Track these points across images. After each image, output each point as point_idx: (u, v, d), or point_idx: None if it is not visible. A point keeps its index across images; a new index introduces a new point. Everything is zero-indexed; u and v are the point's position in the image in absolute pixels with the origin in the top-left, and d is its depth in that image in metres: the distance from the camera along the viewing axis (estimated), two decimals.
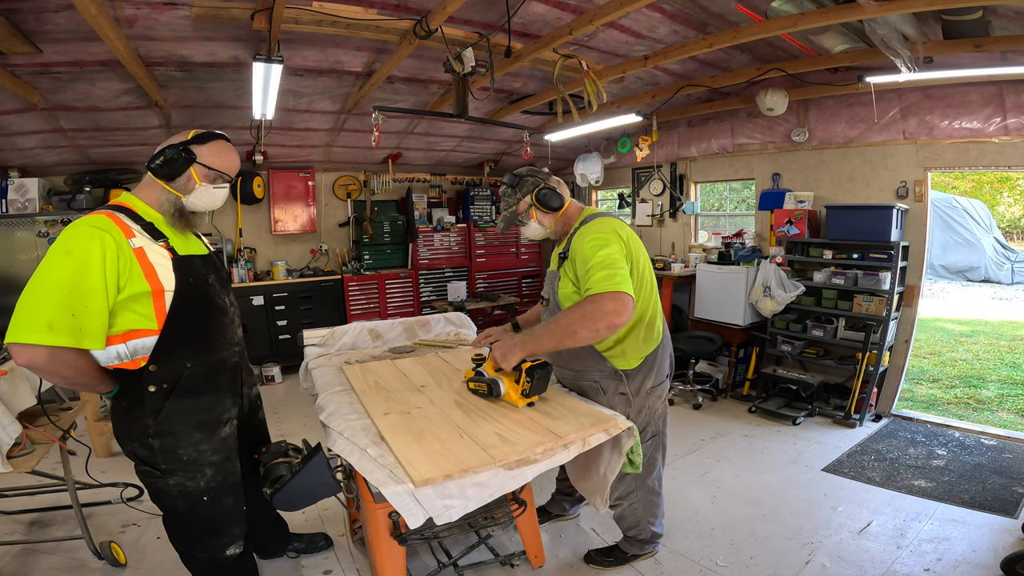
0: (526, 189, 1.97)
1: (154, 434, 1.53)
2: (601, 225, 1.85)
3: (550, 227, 2.02)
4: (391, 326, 2.82)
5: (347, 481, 1.81)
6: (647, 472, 2.07)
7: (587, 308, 1.65)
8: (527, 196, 1.97)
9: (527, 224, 2.01)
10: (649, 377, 1.98)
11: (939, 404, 4.36)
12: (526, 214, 1.99)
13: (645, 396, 1.99)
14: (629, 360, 1.94)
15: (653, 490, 2.17)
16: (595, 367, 1.96)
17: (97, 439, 3.29)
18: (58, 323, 1.30)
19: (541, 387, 1.80)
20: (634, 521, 2.17)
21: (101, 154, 4.30)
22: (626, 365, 1.94)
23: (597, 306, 1.63)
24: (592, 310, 1.63)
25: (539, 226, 2.01)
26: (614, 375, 1.95)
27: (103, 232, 1.38)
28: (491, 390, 1.82)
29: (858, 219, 3.68)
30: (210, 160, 1.57)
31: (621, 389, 1.95)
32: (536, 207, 1.96)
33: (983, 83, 3.30)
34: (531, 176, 1.98)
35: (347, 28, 2.68)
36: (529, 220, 2.00)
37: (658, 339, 2.01)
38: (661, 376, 2.04)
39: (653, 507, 2.19)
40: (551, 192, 1.94)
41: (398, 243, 5.89)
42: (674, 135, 5.20)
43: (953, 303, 8.44)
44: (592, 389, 1.98)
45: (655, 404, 2.04)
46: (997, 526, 2.45)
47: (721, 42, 2.95)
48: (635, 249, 1.88)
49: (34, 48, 2.59)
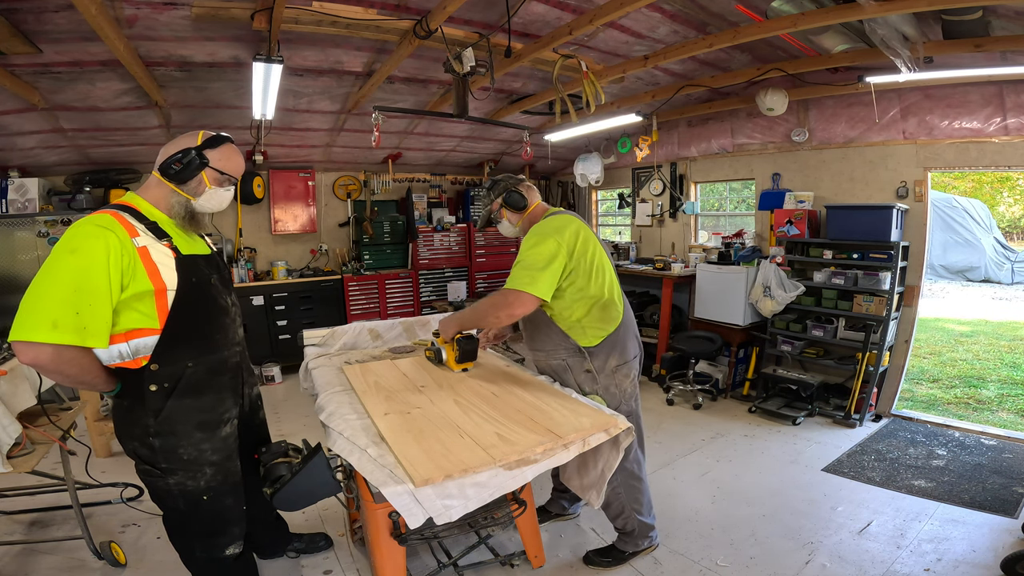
0: (497, 191, 2.24)
1: (155, 433, 1.53)
2: (544, 226, 2.06)
3: (519, 225, 2.25)
4: (391, 326, 2.82)
5: (347, 481, 1.81)
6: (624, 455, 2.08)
7: (497, 299, 1.99)
8: (498, 198, 2.23)
9: (500, 222, 2.28)
10: (612, 355, 2.12)
11: (939, 404, 4.36)
12: (498, 213, 2.25)
13: (611, 374, 2.13)
14: (589, 338, 2.10)
15: (633, 474, 2.18)
16: (561, 344, 2.13)
17: (97, 439, 3.29)
18: (63, 321, 1.30)
19: (468, 356, 2.20)
20: (619, 508, 2.20)
21: (101, 154, 4.30)
22: (587, 343, 2.10)
23: (502, 299, 1.97)
24: (499, 301, 1.98)
25: (509, 224, 2.26)
26: (578, 352, 2.11)
27: (108, 231, 1.39)
28: (438, 356, 2.26)
29: (858, 219, 3.68)
30: (220, 164, 1.59)
31: (586, 366, 2.10)
32: (505, 207, 2.21)
33: (983, 83, 3.30)
34: (503, 180, 2.25)
35: (347, 28, 2.68)
36: (501, 219, 2.26)
37: (617, 320, 2.15)
38: (627, 355, 2.17)
39: (636, 492, 2.20)
40: (517, 195, 2.19)
41: (398, 243, 5.89)
42: (674, 135, 5.20)
43: (953, 303, 8.44)
44: (561, 367, 2.16)
45: (623, 383, 2.16)
46: (997, 526, 2.45)
47: (721, 42, 2.95)
48: (582, 243, 2.04)
49: (34, 48, 2.59)
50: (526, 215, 2.22)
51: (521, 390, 1.99)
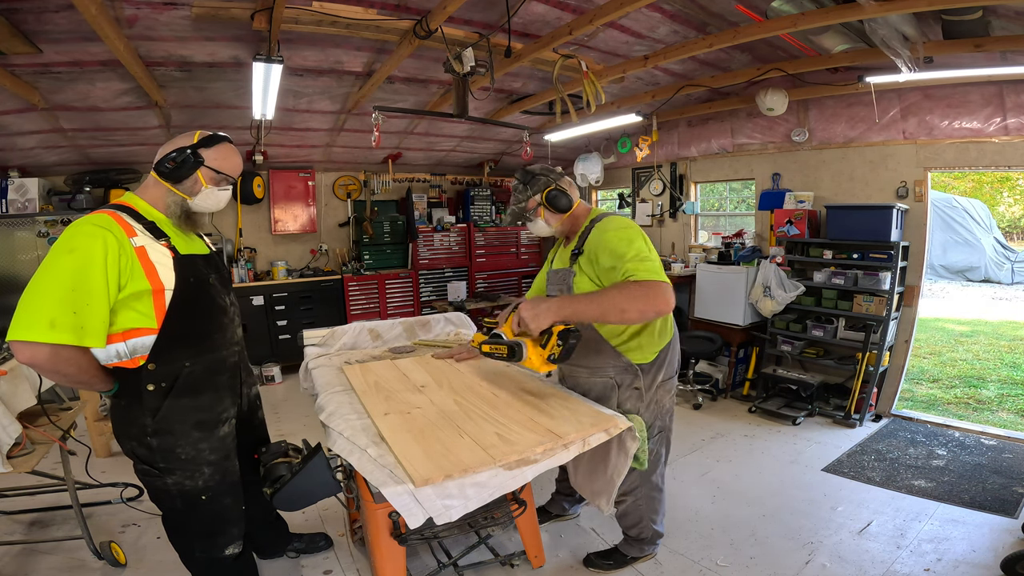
0: (537, 188, 1.98)
1: (152, 433, 1.53)
2: (620, 221, 1.89)
3: (556, 227, 2.03)
4: (391, 326, 2.82)
5: (347, 481, 1.81)
6: (651, 468, 2.06)
7: (636, 291, 1.63)
8: (537, 195, 1.98)
9: (534, 221, 2.03)
10: (661, 371, 2.00)
11: (939, 404, 4.36)
12: (534, 212, 2.00)
13: (656, 390, 2.00)
14: (645, 354, 1.95)
15: (656, 487, 2.16)
16: (611, 362, 1.95)
17: (97, 439, 3.29)
18: (60, 321, 1.30)
19: (568, 354, 1.69)
20: (636, 518, 2.17)
21: (101, 154, 4.30)
22: (642, 359, 1.95)
23: (647, 290, 1.63)
24: (643, 292, 1.63)
25: (545, 225, 2.02)
26: (629, 369, 1.95)
27: (105, 231, 1.39)
28: (512, 353, 1.70)
29: (858, 219, 3.68)
30: (216, 163, 1.58)
31: (636, 384, 1.95)
32: (544, 207, 1.97)
33: (983, 83, 3.30)
34: (543, 175, 1.99)
35: (347, 28, 2.68)
36: (536, 218, 2.01)
37: (671, 333, 2.04)
38: (671, 371, 2.06)
39: (655, 503, 2.18)
40: (561, 194, 1.95)
41: (398, 243, 5.88)
42: (674, 135, 5.20)
43: (953, 303, 8.44)
44: (606, 386, 1.97)
45: (663, 399, 2.05)
46: (997, 526, 2.45)
47: (721, 42, 2.95)
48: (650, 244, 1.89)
49: (34, 48, 2.59)
50: (567, 216, 2.01)
51: (521, 390, 1.99)
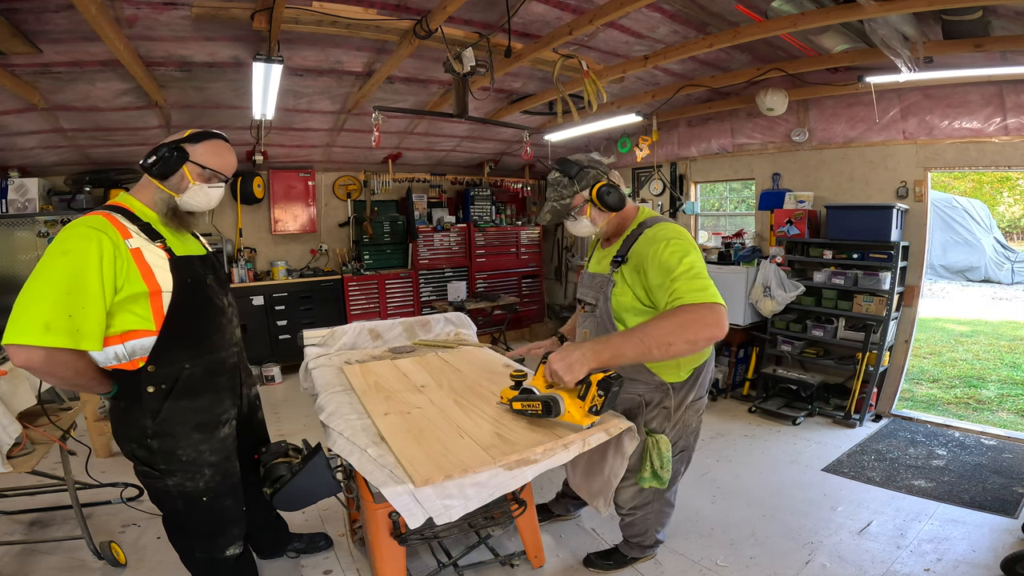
0: (585, 183, 1.74)
1: (153, 435, 1.53)
2: (674, 230, 1.69)
3: (602, 227, 1.82)
4: (391, 326, 2.82)
5: (347, 481, 1.81)
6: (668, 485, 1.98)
7: (685, 317, 1.46)
8: (585, 191, 1.75)
9: (577, 220, 1.80)
10: (692, 390, 1.88)
11: (939, 404, 4.36)
12: (579, 210, 1.77)
13: (684, 410, 1.89)
14: (681, 372, 1.82)
15: (669, 502, 2.14)
16: (641, 380, 1.82)
17: (97, 439, 3.29)
18: (55, 324, 1.30)
19: (612, 403, 1.52)
20: (642, 529, 2.15)
21: (101, 154, 4.30)
22: (676, 378, 1.82)
23: (696, 316, 1.46)
24: (692, 320, 1.46)
25: (591, 224, 1.80)
26: (660, 388, 1.83)
27: (100, 233, 1.38)
28: (548, 409, 1.53)
29: (858, 219, 3.67)
30: (204, 159, 1.56)
31: (665, 403, 1.84)
32: (593, 204, 1.75)
33: (983, 83, 3.30)
34: (592, 168, 1.76)
35: (347, 28, 2.68)
36: (581, 216, 1.78)
37: (710, 351, 1.91)
38: (703, 390, 1.93)
39: (664, 517, 2.17)
40: (613, 190, 1.73)
41: (398, 243, 5.89)
42: (674, 135, 5.20)
43: (953, 303, 8.44)
44: (634, 403, 1.85)
45: (691, 419, 1.93)
46: (997, 526, 2.45)
47: (721, 42, 2.95)
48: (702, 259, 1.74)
49: (34, 48, 2.59)
50: (615, 215, 1.80)
51: None
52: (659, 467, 1.79)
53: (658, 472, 1.79)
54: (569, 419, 1.54)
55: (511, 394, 1.67)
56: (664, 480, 1.81)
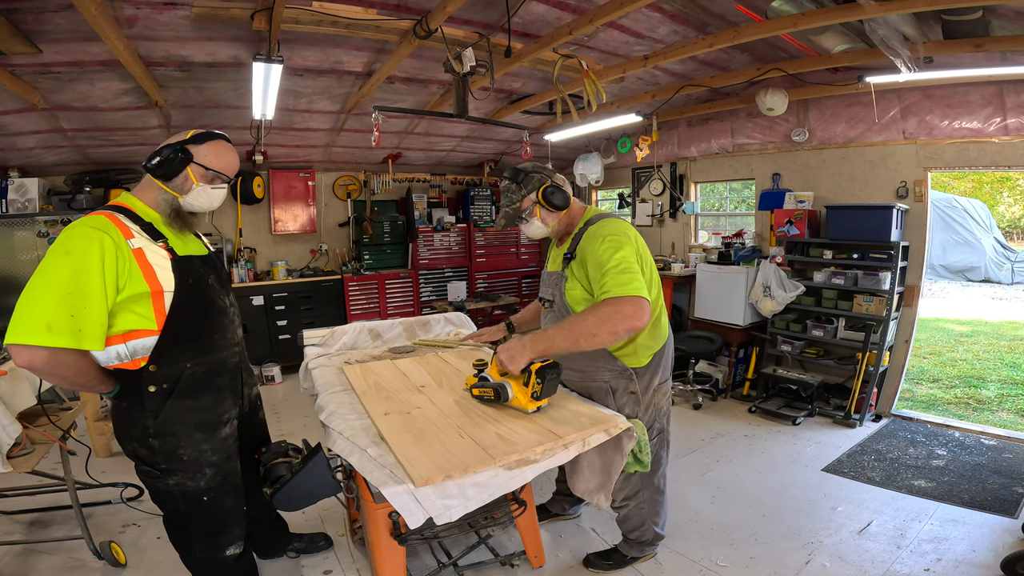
0: (531, 186, 1.91)
1: (154, 434, 1.53)
2: (612, 226, 1.81)
3: (553, 226, 1.97)
4: (391, 326, 2.82)
5: (347, 481, 1.81)
6: (653, 470, 2.05)
7: (606, 310, 1.62)
8: (532, 193, 1.91)
9: (529, 223, 1.95)
10: (656, 374, 1.99)
11: (939, 404, 4.36)
12: (529, 212, 1.93)
13: (652, 394, 2.00)
14: (640, 358, 1.94)
15: (658, 489, 2.16)
16: (605, 367, 1.94)
17: (97, 439, 3.29)
18: (57, 324, 1.30)
19: (552, 389, 1.70)
20: (638, 522, 2.16)
21: (101, 154, 4.30)
22: (637, 363, 1.94)
23: (616, 309, 1.61)
24: (611, 312, 1.61)
25: (542, 225, 1.95)
26: (624, 373, 1.94)
27: (102, 233, 1.38)
28: (498, 395, 1.73)
29: (858, 219, 3.68)
30: (208, 160, 1.56)
31: (631, 388, 1.94)
32: (541, 205, 1.90)
33: (983, 83, 3.30)
34: (536, 172, 1.92)
35: (347, 28, 2.68)
36: (532, 218, 1.94)
37: (665, 336, 2.03)
38: (667, 373, 2.05)
39: (657, 506, 2.18)
40: (557, 190, 1.88)
41: (398, 243, 5.89)
42: (674, 135, 5.20)
43: (953, 303, 8.44)
44: (601, 390, 1.96)
45: (660, 401, 2.04)
46: (997, 526, 2.45)
47: (721, 42, 2.95)
48: (643, 250, 1.87)
49: (34, 48, 2.59)
50: (564, 214, 1.95)
51: None
52: (639, 451, 1.82)
53: (639, 456, 1.82)
54: (517, 404, 1.72)
55: (474, 381, 1.83)
56: (646, 463, 1.83)
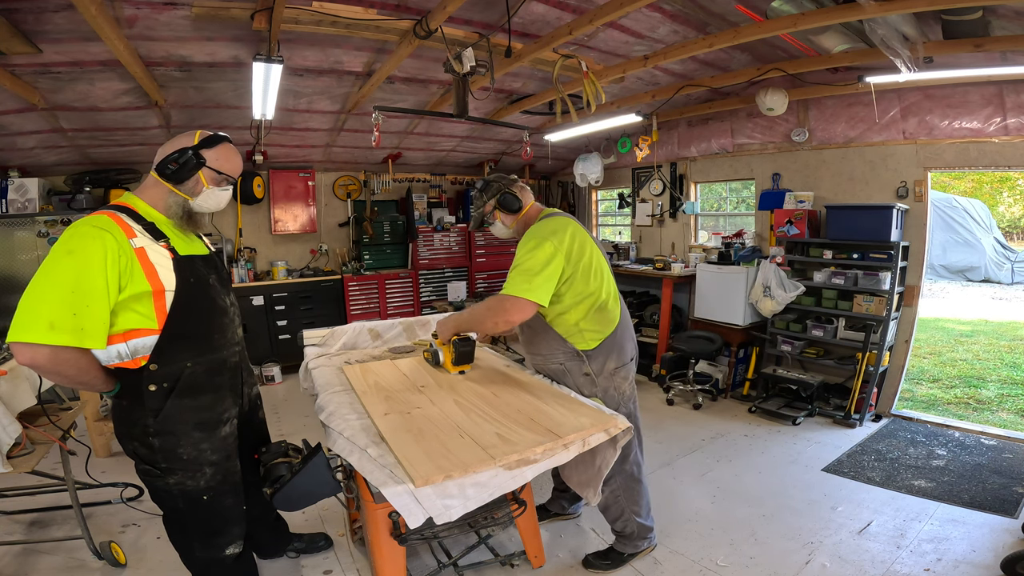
0: (490, 193, 2.19)
1: (154, 433, 1.53)
2: (545, 228, 2.01)
3: (512, 227, 2.22)
4: (391, 326, 2.82)
5: (347, 481, 1.81)
6: (623, 456, 2.10)
7: (492, 303, 1.96)
8: (491, 199, 2.18)
9: (493, 224, 2.23)
10: (611, 358, 2.10)
11: (939, 404, 4.36)
12: (491, 215, 2.21)
13: (610, 376, 2.11)
14: (588, 341, 2.08)
15: (632, 476, 2.19)
16: (559, 349, 2.11)
17: (97, 439, 3.29)
18: (60, 323, 1.30)
19: (465, 358, 2.17)
20: (618, 511, 2.20)
21: (101, 154, 4.30)
22: (585, 346, 2.08)
23: (498, 305, 1.92)
24: (497, 306, 1.93)
25: (503, 226, 2.22)
26: (576, 356, 2.09)
27: (105, 232, 1.39)
28: (435, 358, 2.23)
29: (858, 219, 3.68)
30: (218, 164, 1.59)
31: (584, 369, 2.08)
32: (498, 209, 2.18)
33: (983, 83, 3.30)
34: (496, 181, 2.21)
35: (347, 28, 2.67)
36: (494, 220, 2.22)
37: (614, 322, 2.13)
38: (624, 358, 2.16)
39: (635, 495, 2.20)
40: (511, 196, 2.15)
41: (398, 243, 5.89)
42: (674, 135, 5.20)
43: (953, 303, 8.44)
44: (559, 371, 2.14)
45: (621, 385, 2.15)
46: (997, 526, 2.45)
47: (721, 42, 2.95)
48: (579, 246, 2.01)
49: (34, 48, 2.59)
50: (520, 217, 2.20)
51: (521, 390, 1.99)
52: None
53: None
54: (446, 367, 2.20)
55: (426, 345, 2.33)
56: None
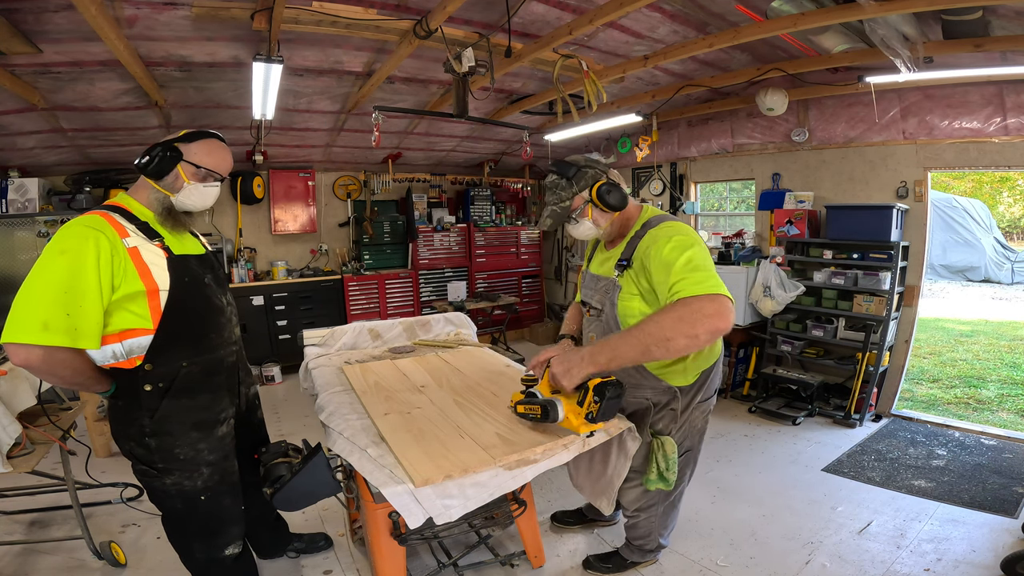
0: (584, 183, 1.70)
1: (151, 433, 1.53)
2: (676, 228, 1.62)
3: (605, 228, 1.76)
4: (391, 326, 2.82)
5: (347, 481, 1.81)
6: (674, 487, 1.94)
7: (682, 311, 1.37)
8: (585, 191, 1.70)
9: (579, 223, 1.74)
10: (700, 392, 1.84)
11: (939, 404, 4.36)
12: (580, 212, 1.72)
13: (691, 412, 1.84)
14: (688, 376, 1.77)
15: (673, 504, 2.12)
16: (647, 385, 1.78)
17: (97, 439, 3.29)
18: (53, 323, 1.30)
19: (611, 410, 1.47)
20: (646, 531, 2.12)
21: (101, 154, 4.30)
22: (684, 381, 1.77)
23: (695, 309, 1.37)
24: (689, 312, 1.36)
25: (593, 227, 1.75)
26: (667, 392, 1.79)
27: (97, 232, 1.39)
28: (546, 413, 1.50)
29: (858, 219, 3.67)
30: (199, 158, 1.57)
31: (672, 405, 1.80)
32: (594, 205, 1.70)
33: (983, 83, 3.30)
34: (590, 167, 1.71)
35: (347, 28, 2.67)
36: (583, 219, 1.73)
37: (718, 352, 1.88)
38: (711, 391, 1.89)
39: (668, 520, 2.15)
40: (615, 189, 1.67)
41: (398, 243, 5.89)
42: (674, 135, 5.20)
43: (953, 303, 8.44)
44: (641, 407, 1.82)
45: (696, 420, 1.89)
46: (997, 526, 2.45)
47: (721, 42, 2.95)
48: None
49: (34, 48, 2.59)
50: (618, 215, 1.74)
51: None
52: (665, 469, 1.77)
53: (664, 474, 1.77)
54: (568, 425, 1.52)
55: (519, 397, 1.63)
56: (670, 482, 1.79)
